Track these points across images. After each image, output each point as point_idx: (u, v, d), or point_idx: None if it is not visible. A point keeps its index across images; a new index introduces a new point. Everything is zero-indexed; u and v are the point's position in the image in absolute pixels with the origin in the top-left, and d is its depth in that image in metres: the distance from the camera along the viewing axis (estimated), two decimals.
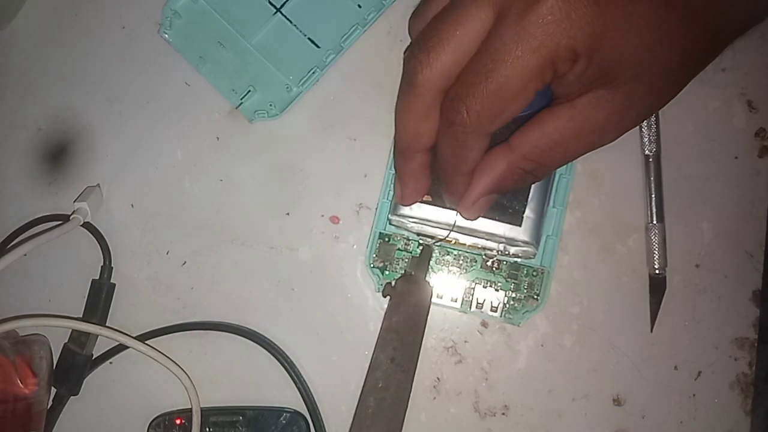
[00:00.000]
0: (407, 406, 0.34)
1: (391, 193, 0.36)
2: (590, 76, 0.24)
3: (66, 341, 0.37)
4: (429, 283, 0.36)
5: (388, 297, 0.35)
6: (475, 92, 0.25)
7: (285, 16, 0.38)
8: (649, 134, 0.36)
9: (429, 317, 0.35)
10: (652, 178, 0.36)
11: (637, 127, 0.36)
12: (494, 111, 0.25)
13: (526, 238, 0.34)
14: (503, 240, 0.34)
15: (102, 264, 0.37)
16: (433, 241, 0.36)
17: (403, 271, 0.37)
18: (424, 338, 0.35)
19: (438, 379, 0.37)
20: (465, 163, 0.28)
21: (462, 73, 0.25)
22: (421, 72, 0.26)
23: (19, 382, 0.34)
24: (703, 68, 0.25)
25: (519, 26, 0.23)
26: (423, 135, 0.28)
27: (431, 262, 0.36)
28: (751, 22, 0.25)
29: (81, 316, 0.37)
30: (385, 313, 0.35)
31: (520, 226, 0.34)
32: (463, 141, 0.26)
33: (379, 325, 0.35)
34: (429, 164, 0.30)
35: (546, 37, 0.23)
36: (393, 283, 0.35)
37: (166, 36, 0.38)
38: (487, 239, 0.35)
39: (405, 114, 0.28)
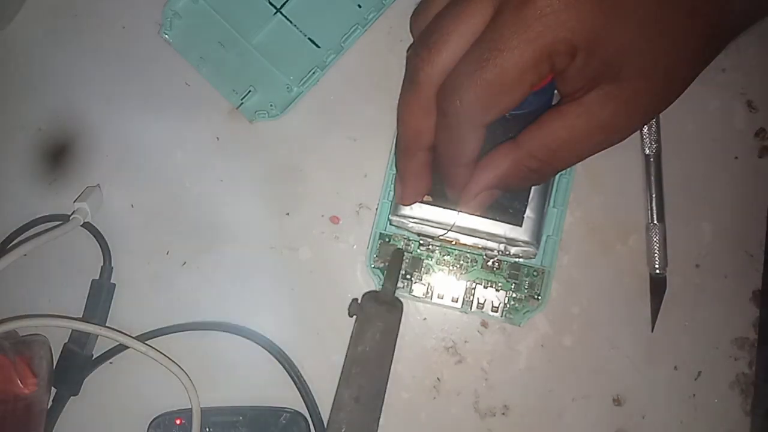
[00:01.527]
0: None
1: (392, 193, 0.36)
2: (593, 71, 0.24)
3: (66, 341, 0.37)
4: (399, 300, 0.34)
5: (354, 317, 0.33)
6: (469, 82, 0.24)
7: (285, 17, 0.38)
8: (649, 134, 0.36)
9: (429, 318, 0.34)
10: (652, 178, 0.36)
11: None
12: (488, 101, 0.25)
13: (526, 238, 0.34)
14: (504, 240, 0.34)
15: (102, 264, 0.37)
16: (405, 246, 0.34)
17: (403, 272, 0.37)
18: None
19: (438, 379, 0.37)
20: (460, 155, 0.28)
21: (458, 64, 0.25)
22: (423, 69, 0.26)
23: (19, 382, 0.34)
24: (706, 64, 0.25)
25: (516, 17, 0.23)
26: (424, 132, 0.28)
27: (431, 263, 0.36)
28: (754, 16, 0.25)
29: (81, 316, 0.37)
30: (350, 340, 0.33)
31: (520, 226, 0.34)
32: (457, 131, 0.26)
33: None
34: (430, 163, 0.30)
35: (543, 29, 0.23)
36: (359, 299, 0.33)
37: (166, 36, 0.38)
38: (487, 239, 0.35)
39: (407, 111, 0.28)
